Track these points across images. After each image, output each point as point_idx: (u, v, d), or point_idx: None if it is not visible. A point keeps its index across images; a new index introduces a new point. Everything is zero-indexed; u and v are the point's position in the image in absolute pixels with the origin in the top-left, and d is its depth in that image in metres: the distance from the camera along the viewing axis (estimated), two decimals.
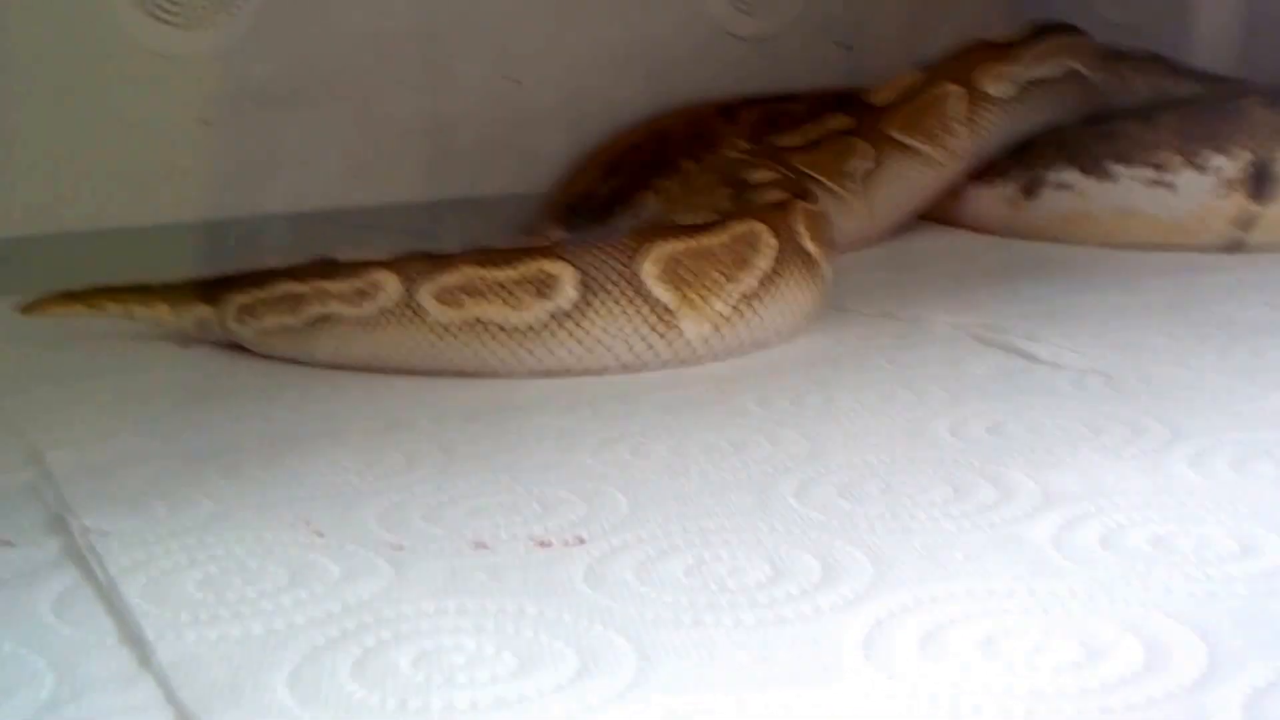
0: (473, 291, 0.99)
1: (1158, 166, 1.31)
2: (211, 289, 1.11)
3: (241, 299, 1.08)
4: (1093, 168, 1.36)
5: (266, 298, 1.07)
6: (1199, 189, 1.30)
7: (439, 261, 1.00)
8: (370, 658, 0.54)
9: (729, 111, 1.74)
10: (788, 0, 1.77)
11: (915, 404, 0.88)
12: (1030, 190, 1.42)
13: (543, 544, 0.67)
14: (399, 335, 1.01)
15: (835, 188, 1.39)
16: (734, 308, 1.00)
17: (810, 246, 1.05)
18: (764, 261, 1.01)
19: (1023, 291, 1.20)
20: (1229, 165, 1.28)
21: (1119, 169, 1.34)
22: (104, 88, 1.45)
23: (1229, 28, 1.86)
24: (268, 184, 1.59)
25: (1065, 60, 1.49)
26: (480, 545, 0.67)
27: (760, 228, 1.02)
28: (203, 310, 1.11)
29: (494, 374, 1.01)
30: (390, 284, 1.01)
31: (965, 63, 1.44)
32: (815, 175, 1.38)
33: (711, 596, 0.59)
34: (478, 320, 0.99)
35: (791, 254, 1.03)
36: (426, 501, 0.74)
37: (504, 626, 0.57)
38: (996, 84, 1.44)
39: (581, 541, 0.67)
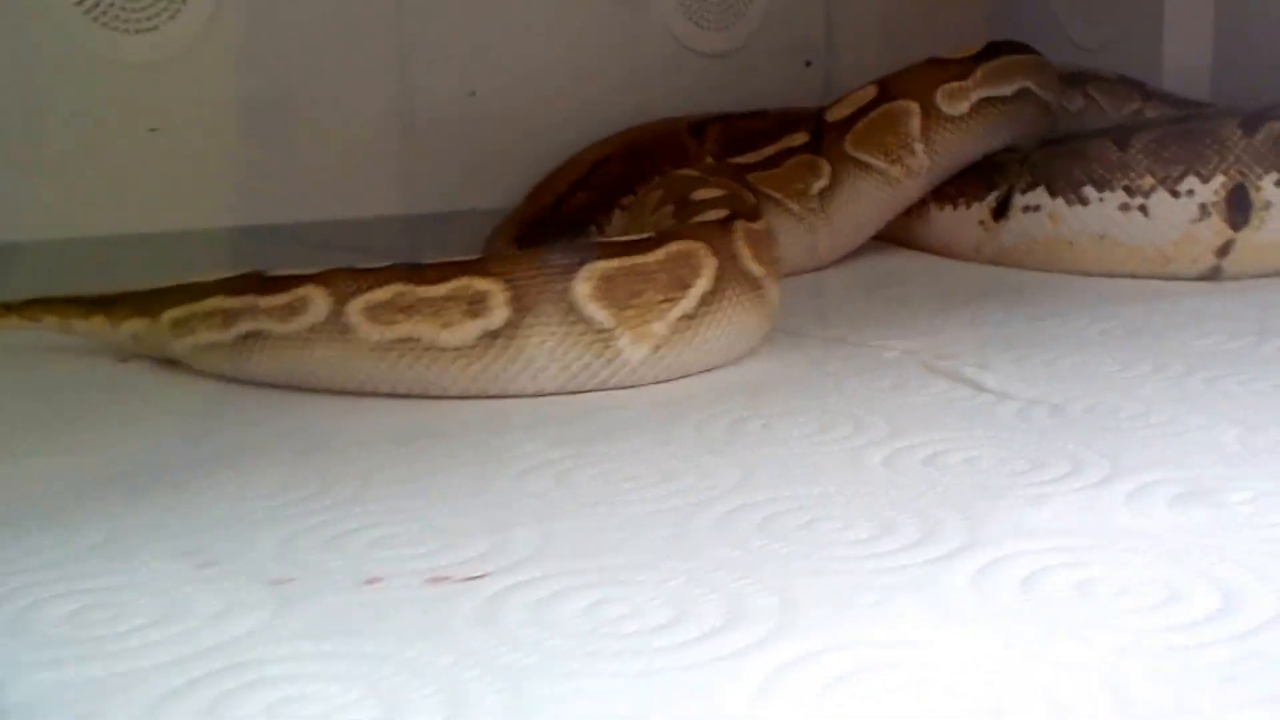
0: (401, 309, 0.95)
1: (1131, 190, 1.28)
2: (147, 302, 1.08)
3: (175, 313, 1.05)
4: (1064, 191, 1.33)
5: (199, 312, 1.04)
6: (1175, 214, 1.26)
7: (368, 277, 0.97)
8: (224, 703, 0.51)
9: (698, 128, 1.72)
10: (748, 17, 1.75)
11: (854, 433, 0.84)
12: (999, 213, 1.38)
13: (438, 579, 0.63)
14: (328, 353, 0.98)
15: (793, 206, 1.36)
16: (673, 328, 0.97)
17: (753, 266, 1.02)
18: (703, 282, 0.98)
19: (980, 317, 1.17)
20: (1205, 190, 1.24)
21: (1091, 192, 1.30)
22: (48, 94, 1.42)
23: (1199, 50, 1.84)
24: (220, 195, 1.55)
25: (1018, 79, 1.46)
26: (373, 580, 0.63)
27: (698, 247, 0.99)
28: (138, 324, 1.08)
29: (426, 394, 0.97)
30: (319, 300, 0.97)
31: (920, 79, 1.42)
32: (772, 193, 1.35)
33: (602, 642, 0.56)
34: (407, 338, 0.95)
35: (732, 274, 1.00)
36: (330, 530, 0.71)
37: (374, 671, 0.53)
38: (951, 101, 1.42)
39: (481, 577, 0.63)
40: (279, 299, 0.99)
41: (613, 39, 1.70)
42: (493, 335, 0.95)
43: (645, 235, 1.00)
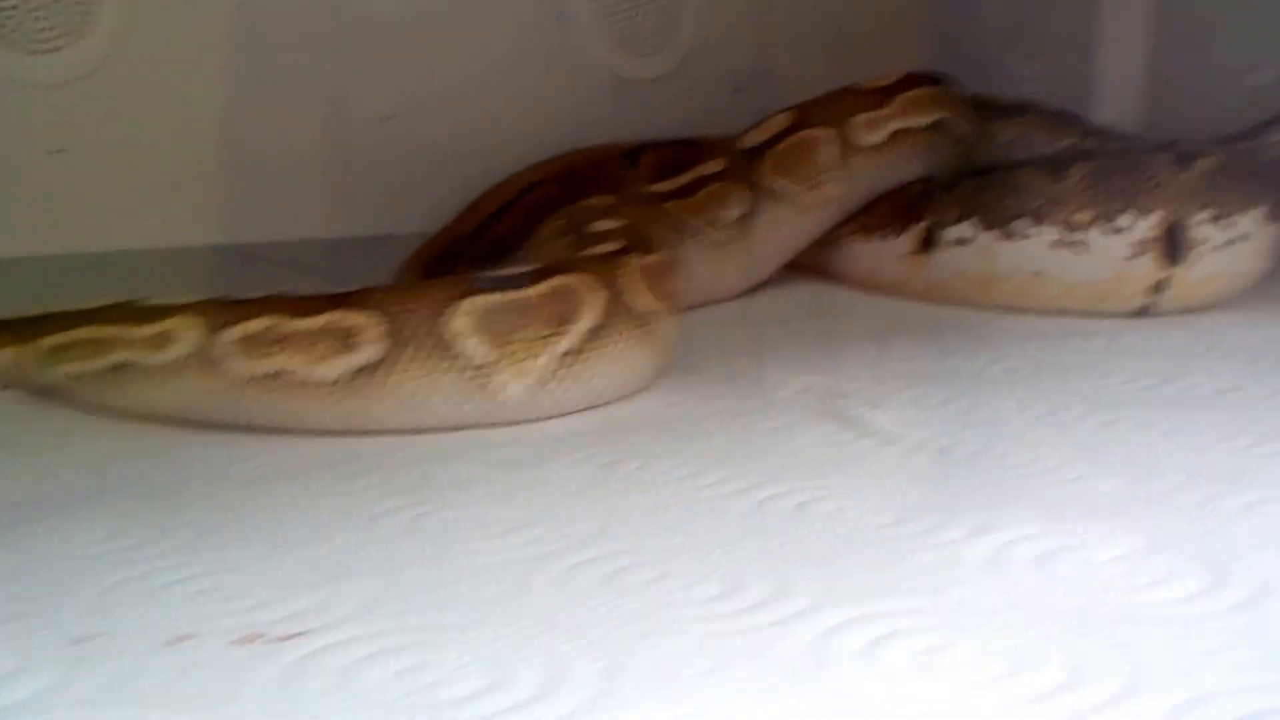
0: (273, 342, 0.92)
1: (1067, 226, 1.24)
2: (22, 329, 1.03)
3: (49, 341, 1.01)
4: (997, 224, 1.29)
5: (71, 341, 1.00)
6: (1112, 251, 1.23)
7: (240, 308, 0.93)
8: None
9: (633, 154, 1.69)
10: (676, 43, 1.72)
11: (729, 478, 0.81)
12: (926, 245, 1.35)
13: (251, 638, 0.60)
14: (197, 386, 0.94)
15: (709, 234, 1.33)
16: (555, 365, 0.93)
17: (644, 301, 0.98)
18: (588, 317, 0.95)
19: (886, 353, 1.14)
20: (1142, 226, 1.21)
21: (1026, 227, 1.26)
22: None
23: (1132, 83, 1.82)
24: (130, 218, 1.51)
25: (934, 111, 1.44)
26: (183, 638, 0.59)
27: (584, 281, 0.95)
28: (12, 352, 1.03)
29: (297, 430, 0.93)
30: (189, 331, 0.93)
31: (836, 107, 1.39)
32: (689, 221, 1.32)
33: (407, 713, 0.52)
34: (278, 372, 0.91)
35: (621, 309, 0.96)
36: (155, 580, 0.67)
37: None
38: (866, 130, 1.39)
39: (296, 636, 0.59)
40: (150, 329, 0.96)
41: (537, 63, 1.67)
42: (366, 370, 0.91)
43: (529, 269, 0.96)
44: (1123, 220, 1.23)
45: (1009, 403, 0.97)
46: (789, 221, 1.40)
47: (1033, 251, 1.28)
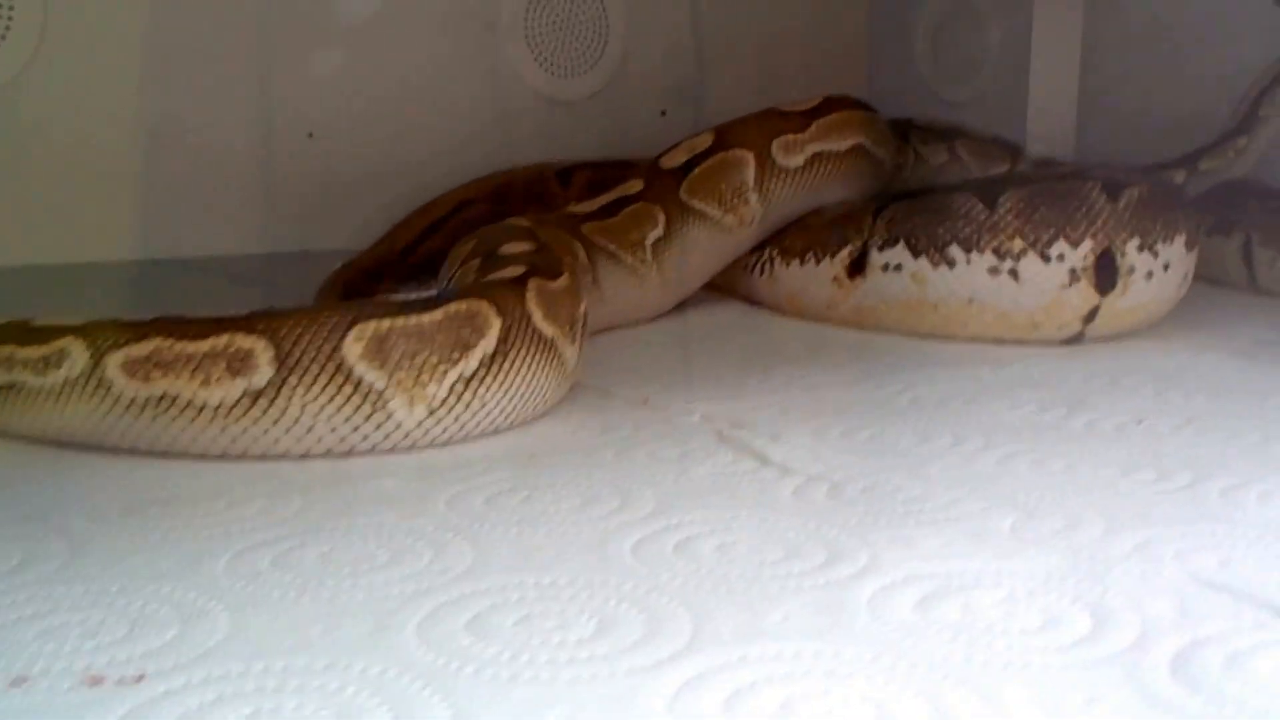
0: (161, 365, 0.89)
1: (1001, 253, 1.22)
2: None
3: None
4: (928, 250, 1.27)
5: None
6: (1046, 279, 1.21)
7: (129, 331, 0.91)
8: None
9: (566, 174, 1.67)
10: (601, 65, 1.70)
11: (616, 511, 0.79)
12: (855, 270, 1.33)
13: (94, 680, 0.57)
14: (85, 409, 0.91)
15: (626, 257, 1.31)
16: (451, 391, 0.91)
17: (545, 326, 0.96)
18: (486, 343, 0.93)
19: (795, 381, 1.12)
20: (1075, 255, 1.20)
21: (958, 253, 1.24)
22: None
23: (1064, 108, 1.82)
24: (47, 231, 1.48)
25: (852, 135, 1.43)
26: (21, 680, 0.57)
27: (483, 306, 0.93)
28: None
29: (186, 455, 0.90)
30: (77, 352, 0.91)
31: (756, 130, 1.38)
32: (606, 244, 1.30)
33: None
34: (165, 396, 0.89)
35: (521, 335, 0.94)
36: (6, 616, 0.65)
37: None
38: (786, 153, 1.38)
39: (142, 679, 0.57)
40: (38, 350, 0.93)
41: (465, 82, 1.65)
42: (255, 395, 0.88)
43: (427, 294, 0.94)
44: (1056, 248, 1.22)
45: (908, 436, 0.95)
46: (708, 243, 1.38)
47: (966, 279, 1.26)
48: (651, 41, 1.74)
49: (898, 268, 1.28)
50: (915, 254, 1.27)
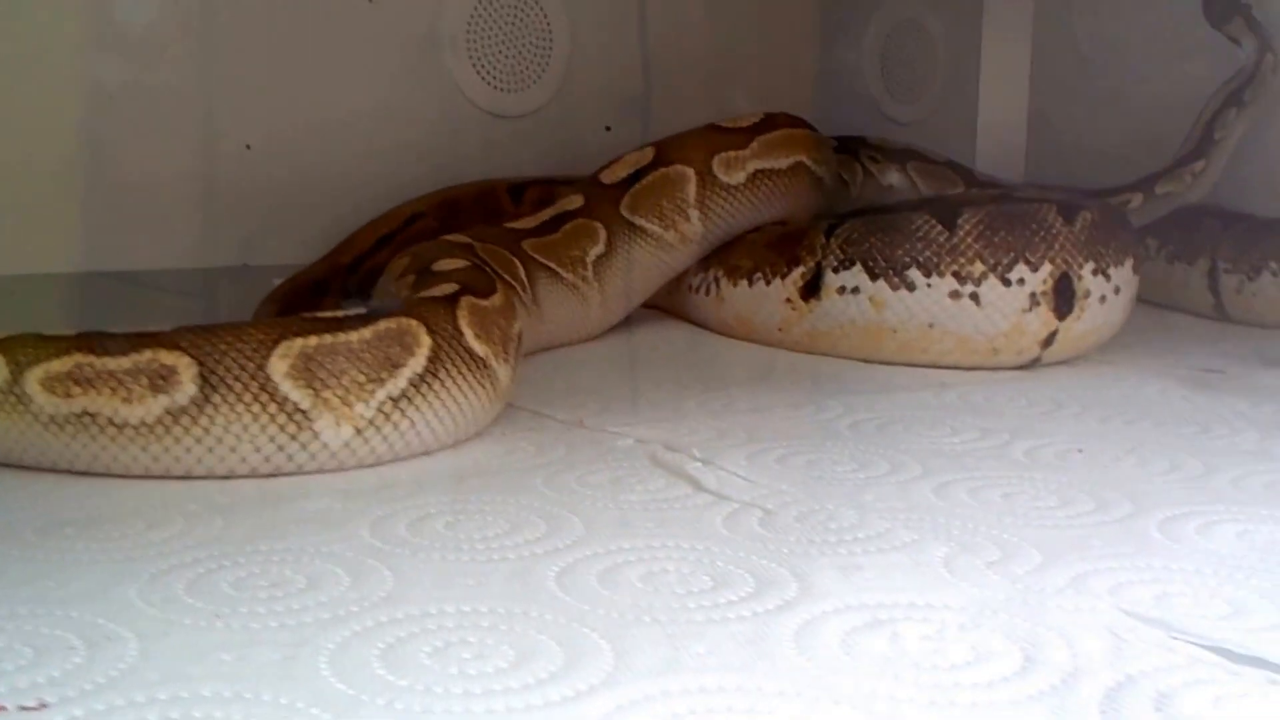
0: (82, 381, 0.87)
1: (961, 276, 1.21)
2: None
3: None
4: (886, 273, 1.25)
5: None
6: (1007, 304, 1.19)
7: (49, 346, 0.88)
8: None
9: (517, 189, 1.66)
10: (544, 81, 1.69)
11: (542, 538, 0.77)
12: (809, 292, 1.31)
13: None
14: (3, 425, 0.89)
15: (567, 275, 1.29)
16: (379, 410, 0.89)
17: (477, 346, 0.95)
18: (416, 362, 0.91)
19: (735, 404, 1.10)
20: (1035, 279, 1.18)
21: (918, 277, 1.23)
22: None
23: (1014, 129, 1.82)
24: None
25: (793, 153, 1.43)
26: None
27: (412, 324, 0.91)
28: None
29: (107, 473, 0.88)
30: None
31: (697, 146, 1.38)
32: (547, 262, 1.28)
33: None
34: (85, 412, 0.86)
35: (451, 354, 0.92)
36: None
37: None
38: (727, 170, 1.38)
39: (42, 708, 0.54)
40: None
41: (407, 97, 1.63)
42: (178, 412, 0.86)
43: (356, 311, 0.92)
44: (1016, 272, 1.21)
45: (846, 462, 0.94)
46: (650, 260, 1.38)
47: (927, 303, 1.25)
48: (596, 57, 1.73)
49: (855, 290, 1.27)
50: (873, 276, 1.25)
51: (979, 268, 1.21)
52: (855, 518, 0.81)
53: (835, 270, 1.28)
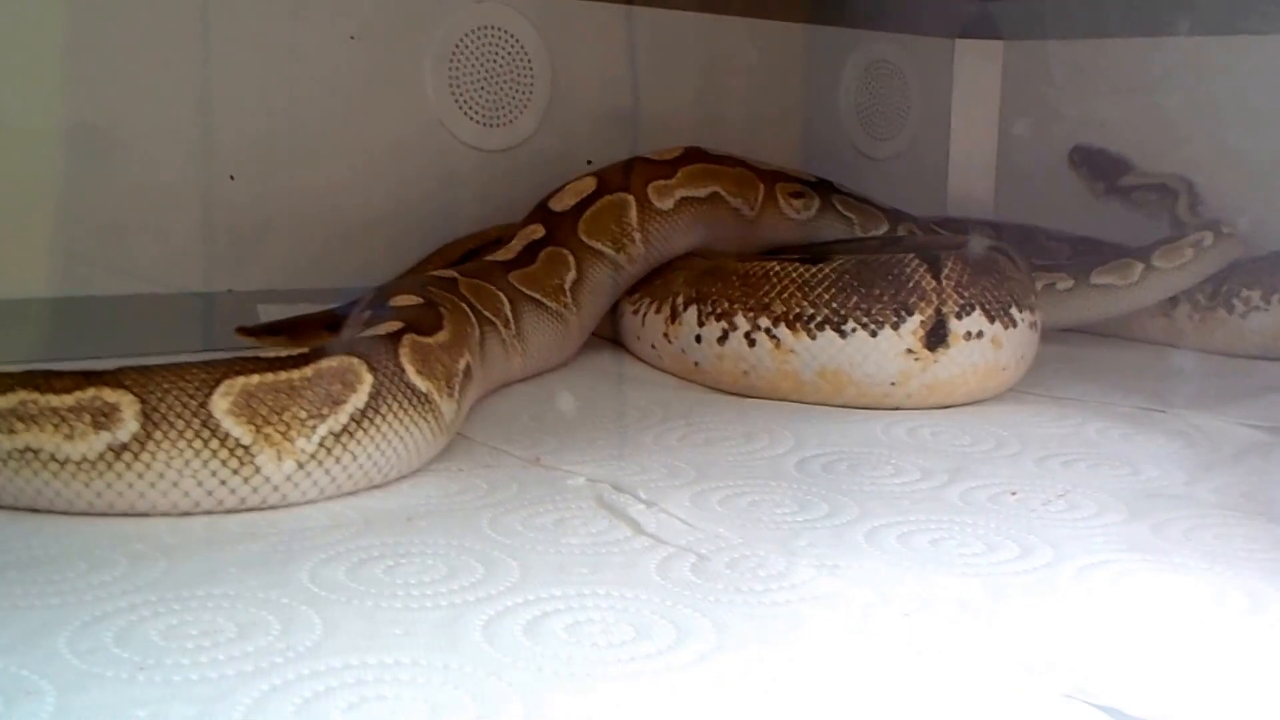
0: (24, 417, 0.88)
1: (840, 321, 1.23)
2: None
3: None
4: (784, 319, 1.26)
5: None
6: (886, 347, 1.21)
7: None
8: None
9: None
10: (526, 115, 1.71)
11: (478, 583, 0.78)
12: (723, 336, 1.33)
13: None
14: None
15: (552, 303, 1.33)
16: (320, 445, 0.91)
17: (419, 382, 0.97)
18: (358, 398, 0.93)
19: (689, 439, 1.12)
20: (910, 323, 1.20)
21: (812, 324, 1.24)
22: None
23: (982, 166, 1.83)
24: None
25: (710, 183, 1.52)
26: None
27: (353, 362, 0.93)
28: None
29: (50, 510, 0.89)
30: None
31: (632, 174, 1.47)
32: (531, 293, 1.31)
33: None
34: (29, 449, 0.87)
35: (393, 390, 0.95)
36: None
37: None
38: (659, 196, 1.47)
39: None
40: None
41: (382, 130, 1.64)
42: (120, 448, 0.87)
43: (298, 351, 0.93)
44: (890, 317, 1.23)
45: (789, 502, 0.95)
46: (609, 281, 1.46)
47: (823, 347, 1.26)
48: (581, 89, 1.75)
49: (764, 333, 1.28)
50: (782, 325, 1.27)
51: (856, 313, 1.23)
52: (784, 565, 0.82)
53: (736, 313, 1.32)
